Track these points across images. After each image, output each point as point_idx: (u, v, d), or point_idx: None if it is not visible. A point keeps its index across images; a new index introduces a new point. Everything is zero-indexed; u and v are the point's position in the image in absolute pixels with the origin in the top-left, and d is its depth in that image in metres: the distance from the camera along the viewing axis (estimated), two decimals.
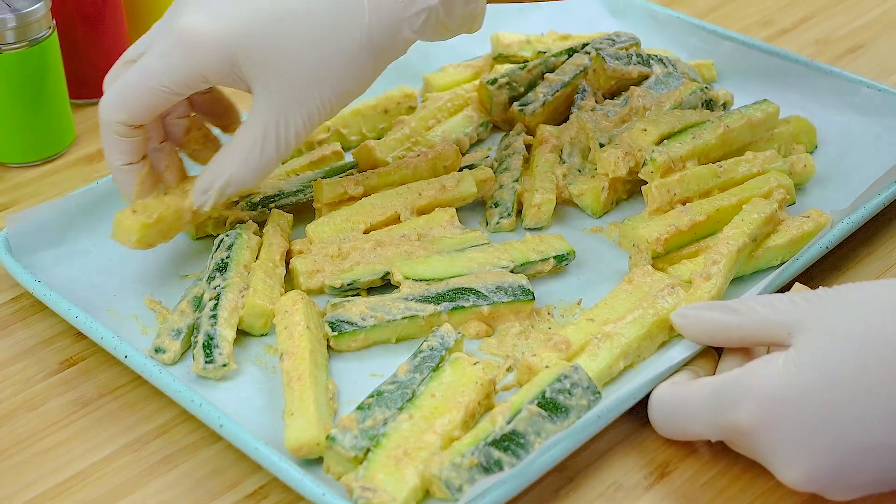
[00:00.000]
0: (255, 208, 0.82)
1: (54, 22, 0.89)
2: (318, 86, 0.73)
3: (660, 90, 0.90)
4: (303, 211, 0.84)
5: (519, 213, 0.84)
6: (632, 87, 0.90)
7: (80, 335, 0.76)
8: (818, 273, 0.79)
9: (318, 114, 0.74)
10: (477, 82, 0.95)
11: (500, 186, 0.84)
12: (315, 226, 0.80)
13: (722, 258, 0.74)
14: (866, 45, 1.05)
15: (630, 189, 0.86)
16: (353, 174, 0.85)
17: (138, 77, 0.72)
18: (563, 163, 0.86)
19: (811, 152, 0.90)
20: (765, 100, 0.87)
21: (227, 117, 0.82)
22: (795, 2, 1.11)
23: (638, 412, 0.68)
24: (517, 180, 0.84)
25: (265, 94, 0.73)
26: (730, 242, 0.75)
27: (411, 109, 0.93)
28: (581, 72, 0.93)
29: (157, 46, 0.72)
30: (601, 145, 0.84)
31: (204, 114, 0.81)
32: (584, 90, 0.91)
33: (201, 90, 0.74)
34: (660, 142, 0.82)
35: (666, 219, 0.78)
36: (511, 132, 0.90)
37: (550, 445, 0.63)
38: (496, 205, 0.83)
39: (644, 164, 0.81)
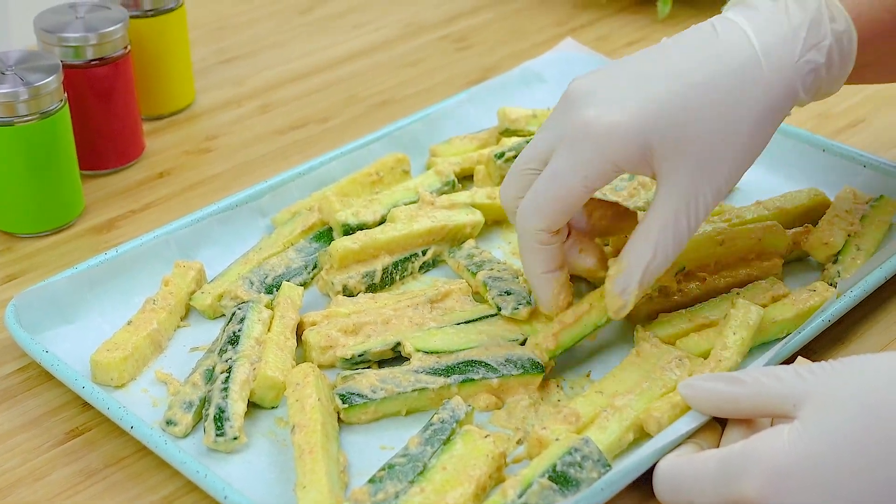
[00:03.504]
0: (271, 291, 0.83)
1: (66, 94, 0.90)
2: (727, 159, 0.72)
3: None
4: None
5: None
6: None
7: (86, 405, 0.76)
8: (820, 346, 0.79)
9: (726, 186, 0.73)
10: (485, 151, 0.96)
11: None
12: (339, 242, 0.82)
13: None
14: (866, 119, 1.06)
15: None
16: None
17: (551, 180, 0.72)
18: None
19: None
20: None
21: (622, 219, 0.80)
22: None
23: (642, 484, 0.68)
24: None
25: (675, 175, 0.71)
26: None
27: (405, 174, 0.94)
28: None
29: (562, 147, 0.71)
30: None
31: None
32: None
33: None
34: None
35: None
36: None
37: None
38: (508, 293, 0.80)
39: None
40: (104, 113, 0.97)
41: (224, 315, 0.82)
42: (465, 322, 0.79)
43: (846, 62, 0.76)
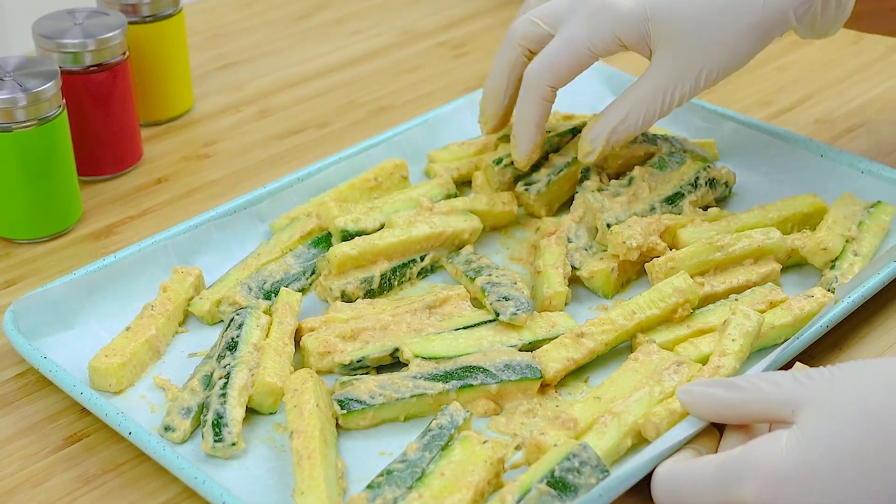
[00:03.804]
0: (269, 297, 0.83)
1: (64, 101, 0.90)
2: (712, 55, 0.83)
3: (670, 168, 0.91)
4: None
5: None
6: (636, 167, 0.91)
7: (84, 411, 0.76)
8: (818, 351, 0.79)
9: (704, 82, 0.84)
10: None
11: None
12: (337, 248, 0.83)
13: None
14: (865, 124, 1.06)
15: (640, 270, 0.86)
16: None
17: (566, 44, 0.84)
18: (570, 242, 0.86)
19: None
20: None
21: None
22: (793, 83, 1.13)
23: (641, 490, 0.68)
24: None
25: (664, 58, 0.83)
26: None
27: (403, 179, 0.94)
28: None
29: (578, 16, 0.84)
30: (608, 225, 0.85)
31: None
32: (588, 170, 0.92)
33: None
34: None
35: (563, 349, 0.77)
36: None
37: None
38: (506, 298, 0.80)
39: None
40: (102, 119, 0.97)
41: (222, 321, 0.82)
42: (464, 328, 0.79)
43: (843, 4, 0.85)
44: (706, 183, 0.90)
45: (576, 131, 0.97)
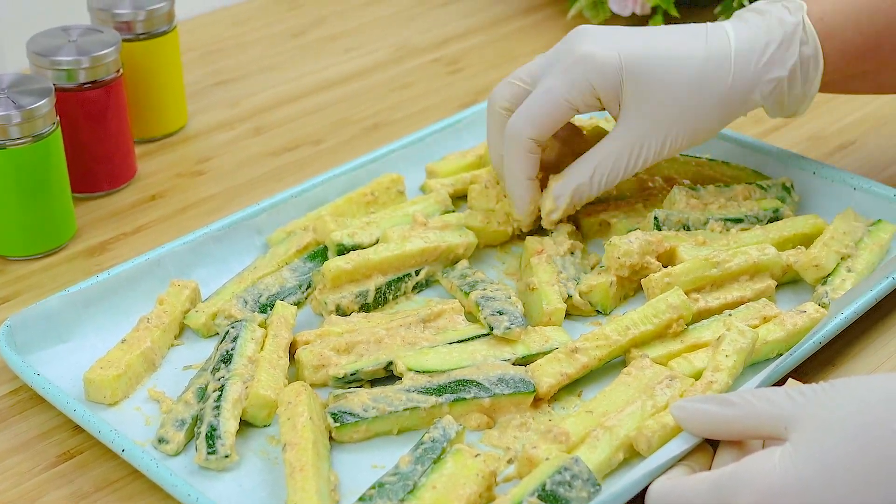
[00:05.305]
0: (265, 310, 0.83)
1: (58, 118, 0.90)
2: (678, 123, 0.85)
3: (769, 196, 0.93)
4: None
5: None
6: (741, 185, 0.93)
7: (77, 428, 0.76)
8: (811, 368, 0.79)
9: (669, 148, 0.86)
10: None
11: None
12: (332, 262, 0.83)
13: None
14: (857, 141, 1.07)
15: (638, 286, 0.86)
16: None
17: (544, 96, 0.85)
18: (560, 273, 0.86)
19: None
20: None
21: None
22: None
23: None
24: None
25: (633, 118, 0.85)
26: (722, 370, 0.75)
27: (400, 194, 0.95)
28: None
29: (557, 69, 0.85)
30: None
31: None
32: None
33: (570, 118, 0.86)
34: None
35: (556, 363, 0.77)
36: None
37: None
38: (500, 313, 0.80)
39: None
40: (96, 136, 0.97)
41: (218, 334, 0.82)
42: (458, 341, 0.79)
43: (810, 83, 0.88)
44: (767, 220, 0.90)
45: None
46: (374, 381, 0.78)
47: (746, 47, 0.86)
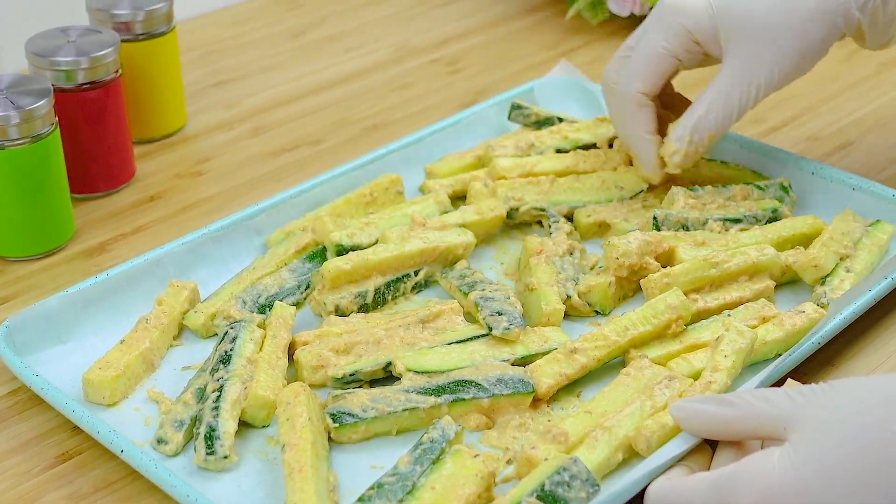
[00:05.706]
0: (264, 311, 0.83)
1: (57, 118, 0.90)
2: (781, 49, 0.86)
3: (767, 196, 0.93)
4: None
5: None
6: (738, 186, 0.93)
7: (76, 429, 0.76)
8: (810, 368, 0.80)
9: (777, 80, 0.87)
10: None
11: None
12: (331, 262, 0.83)
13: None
14: (856, 141, 1.07)
15: (637, 286, 0.86)
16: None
17: (643, 49, 0.88)
18: (559, 273, 0.86)
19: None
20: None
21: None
22: (784, 101, 1.13)
23: None
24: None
25: (736, 57, 0.86)
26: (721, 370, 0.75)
27: (398, 195, 0.95)
28: None
29: (649, 23, 0.88)
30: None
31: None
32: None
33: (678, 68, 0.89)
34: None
35: (555, 364, 0.77)
36: None
37: None
38: (499, 313, 0.80)
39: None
40: (95, 136, 0.97)
41: (216, 334, 0.82)
42: (457, 342, 0.79)
43: None
44: (766, 220, 0.91)
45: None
46: (373, 382, 0.78)
47: None
